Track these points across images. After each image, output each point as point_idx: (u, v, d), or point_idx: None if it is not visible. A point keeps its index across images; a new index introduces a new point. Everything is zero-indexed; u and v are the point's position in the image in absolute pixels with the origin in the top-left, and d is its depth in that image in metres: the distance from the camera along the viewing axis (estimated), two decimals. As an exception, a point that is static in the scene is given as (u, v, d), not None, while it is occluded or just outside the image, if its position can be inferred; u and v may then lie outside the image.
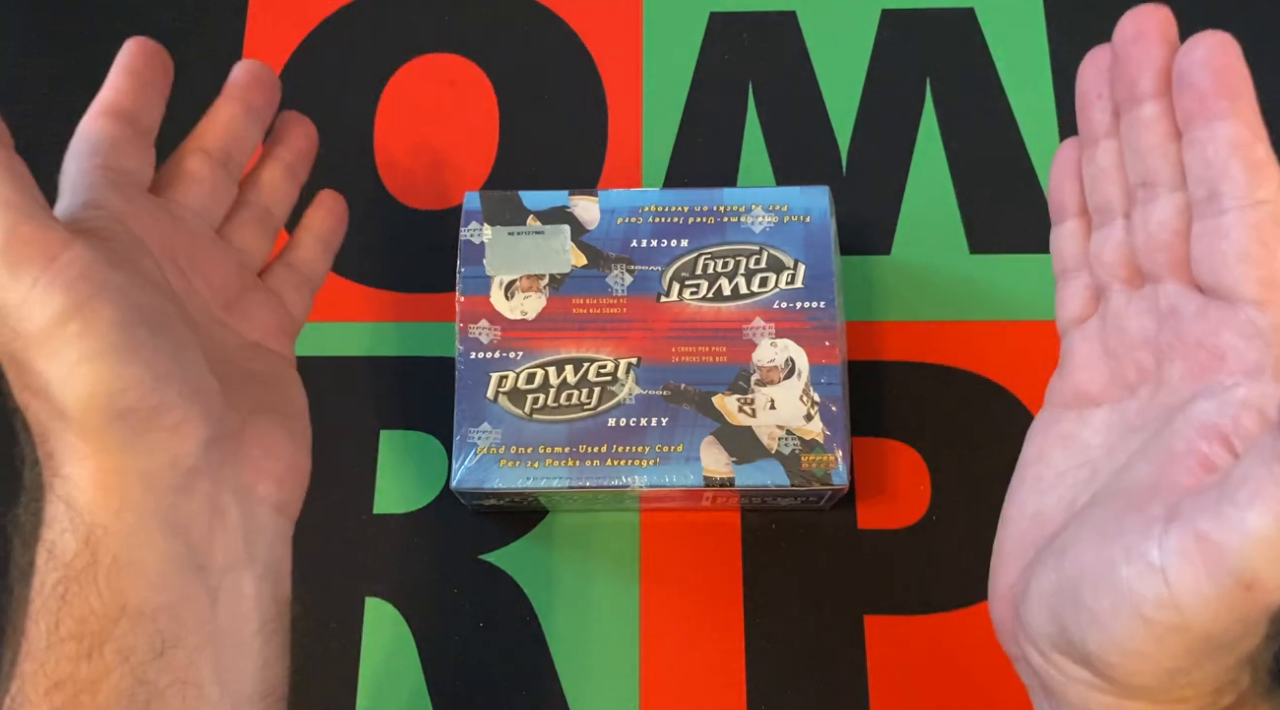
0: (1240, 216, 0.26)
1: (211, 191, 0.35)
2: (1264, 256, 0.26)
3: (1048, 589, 0.27)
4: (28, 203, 0.27)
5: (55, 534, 0.28)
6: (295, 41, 0.56)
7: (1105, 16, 0.56)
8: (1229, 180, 0.26)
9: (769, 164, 0.53)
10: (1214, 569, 0.23)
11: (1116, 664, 0.25)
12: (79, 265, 0.27)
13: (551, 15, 0.56)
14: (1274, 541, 0.22)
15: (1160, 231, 0.28)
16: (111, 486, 0.28)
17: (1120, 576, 0.25)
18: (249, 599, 0.30)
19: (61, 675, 0.27)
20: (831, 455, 0.43)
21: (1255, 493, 0.22)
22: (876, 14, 0.55)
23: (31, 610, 0.27)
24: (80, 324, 0.27)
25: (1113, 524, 0.26)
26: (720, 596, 0.46)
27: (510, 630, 0.46)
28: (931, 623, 0.46)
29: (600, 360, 0.44)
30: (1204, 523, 0.23)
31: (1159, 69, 0.29)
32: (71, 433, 0.27)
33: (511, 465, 0.43)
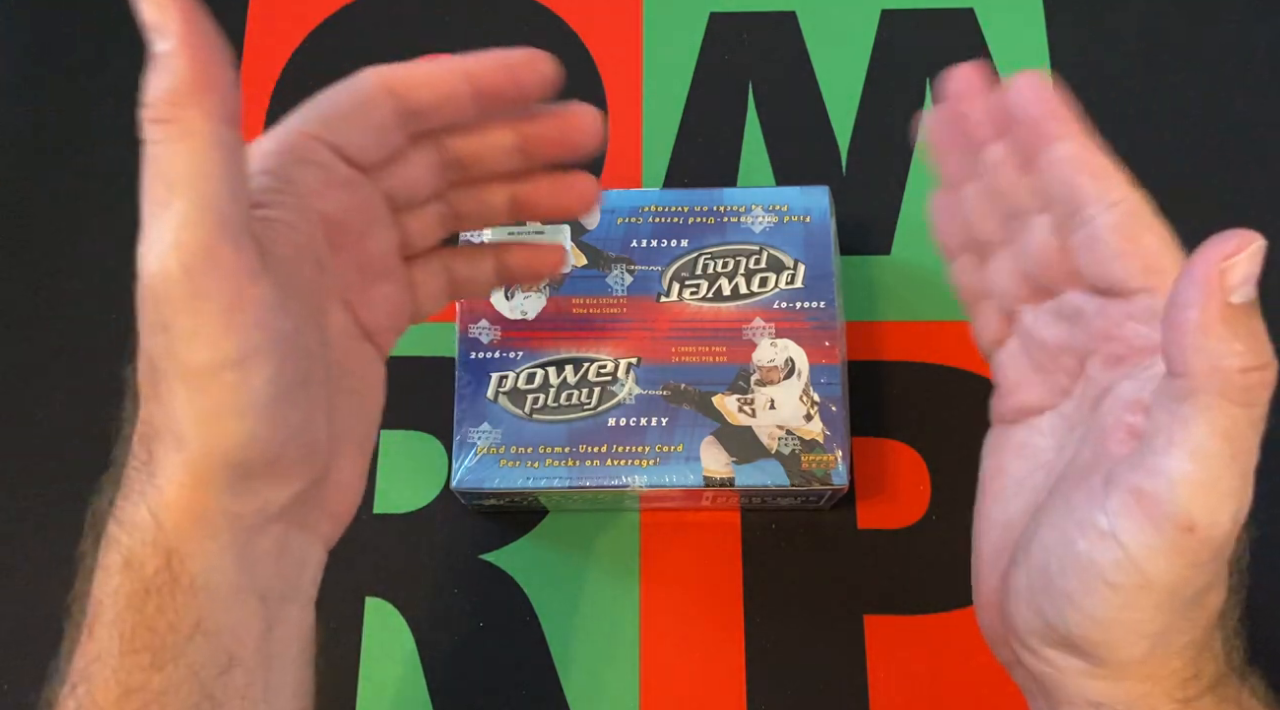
0: (1104, 220, 0.28)
1: (416, 189, 0.33)
2: (1135, 249, 0.28)
3: (1023, 585, 0.28)
4: (235, 213, 0.25)
5: (134, 541, 0.27)
6: (295, 41, 0.56)
7: (1105, 16, 0.57)
8: (1083, 192, 0.29)
9: (769, 164, 0.53)
10: (1154, 519, 0.24)
11: (1099, 640, 0.26)
12: (258, 311, 0.26)
13: (551, 15, 0.56)
14: (1196, 479, 0.24)
15: (1042, 252, 0.31)
16: (200, 518, 0.27)
17: (1079, 551, 0.26)
18: (295, 627, 0.31)
19: (133, 684, 0.27)
20: (831, 455, 0.43)
21: (1168, 439, 0.24)
22: (876, 14, 0.55)
23: (104, 616, 0.27)
24: (238, 377, 0.25)
25: (1063, 506, 0.28)
26: (720, 596, 0.46)
27: (510, 630, 0.46)
28: (931, 623, 0.46)
29: (600, 360, 0.44)
30: (1134, 478, 0.25)
31: (993, 115, 0.32)
32: (182, 458, 0.27)
33: (511, 465, 0.43)
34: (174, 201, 0.24)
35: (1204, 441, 0.24)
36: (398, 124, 0.31)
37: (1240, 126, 0.53)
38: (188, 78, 0.24)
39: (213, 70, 0.25)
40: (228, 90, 0.25)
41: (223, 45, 0.25)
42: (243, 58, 0.55)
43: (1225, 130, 0.53)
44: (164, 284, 0.25)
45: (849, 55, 0.55)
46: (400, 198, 0.33)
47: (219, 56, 0.25)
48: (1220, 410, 0.23)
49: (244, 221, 0.26)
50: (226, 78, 0.25)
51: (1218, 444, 0.23)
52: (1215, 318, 0.23)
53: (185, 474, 0.27)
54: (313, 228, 0.30)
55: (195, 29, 0.25)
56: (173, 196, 0.24)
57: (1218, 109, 0.54)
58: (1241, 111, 0.54)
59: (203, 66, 0.25)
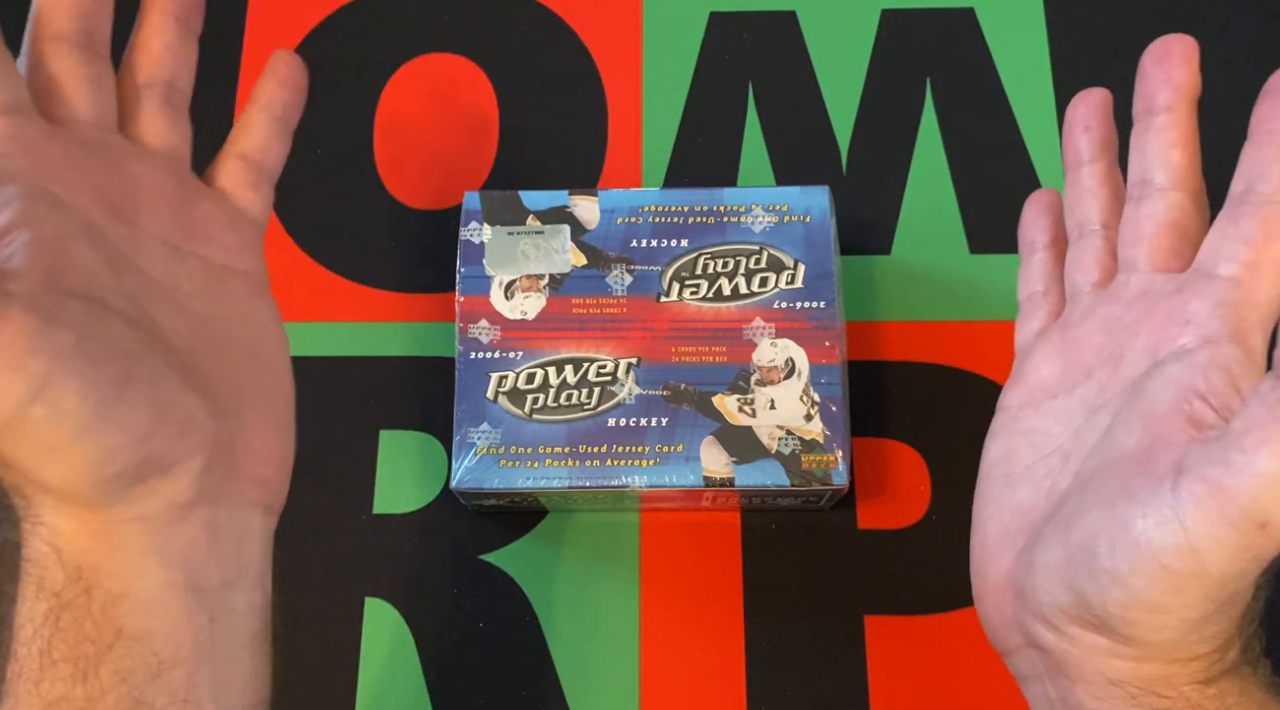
0: (1257, 209, 0.29)
1: (92, 86, 0.30)
2: (1263, 244, 0.29)
3: (1057, 562, 0.28)
4: None
5: (41, 570, 0.27)
6: (295, 41, 0.56)
7: (1105, 16, 0.57)
8: (1266, 179, 0.30)
9: (769, 164, 0.53)
10: (1229, 512, 0.24)
11: (1139, 620, 0.26)
12: (23, 339, 0.23)
13: (551, 15, 0.56)
14: (1274, 477, 0.24)
15: (1148, 222, 0.32)
16: (102, 533, 0.27)
17: (1137, 532, 0.26)
18: (241, 614, 0.30)
19: (56, 695, 0.26)
20: (831, 455, 0.43)
21: (1261, 438, 0.24)
22: (876, 14, 0.55)
23: (22, 635, 0.27)
24: (44, 408, 0.24)
25: (1119, 488, 0.27)
26: (720, 596, 0.46)
27: (510, 630, 0.46)
28: (931, 623, 0.46)
29: (600, 360, 0.44)
30: (1214, 470, 0.25)
31: (1179, 88, 0.33)
32: (52, 498, 0.26)
33: (511, 465, 0.43)
34: None
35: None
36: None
37: (1240, 127, 0.53)
38: None
39: None
40: None
41: None
42: (242, 58, 0.55)
43: (1225, 130, 0.53)
44: None
45: (849, 55, 0.55)
46: (108, 114, 0.31)
47: None
48: None
49: None
50: None
51: None
52: None
53: (66, 506, 0.26)
54: (62, 213, 0.27)
55: None
56: None
57: (1218, 109, 0.54)
58: (1241, 111, 0.54)
59: None
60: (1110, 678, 0.28)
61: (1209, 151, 0.53)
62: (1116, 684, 0.28)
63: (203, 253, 0.31)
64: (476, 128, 0.54)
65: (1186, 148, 0.32)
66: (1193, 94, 0.33)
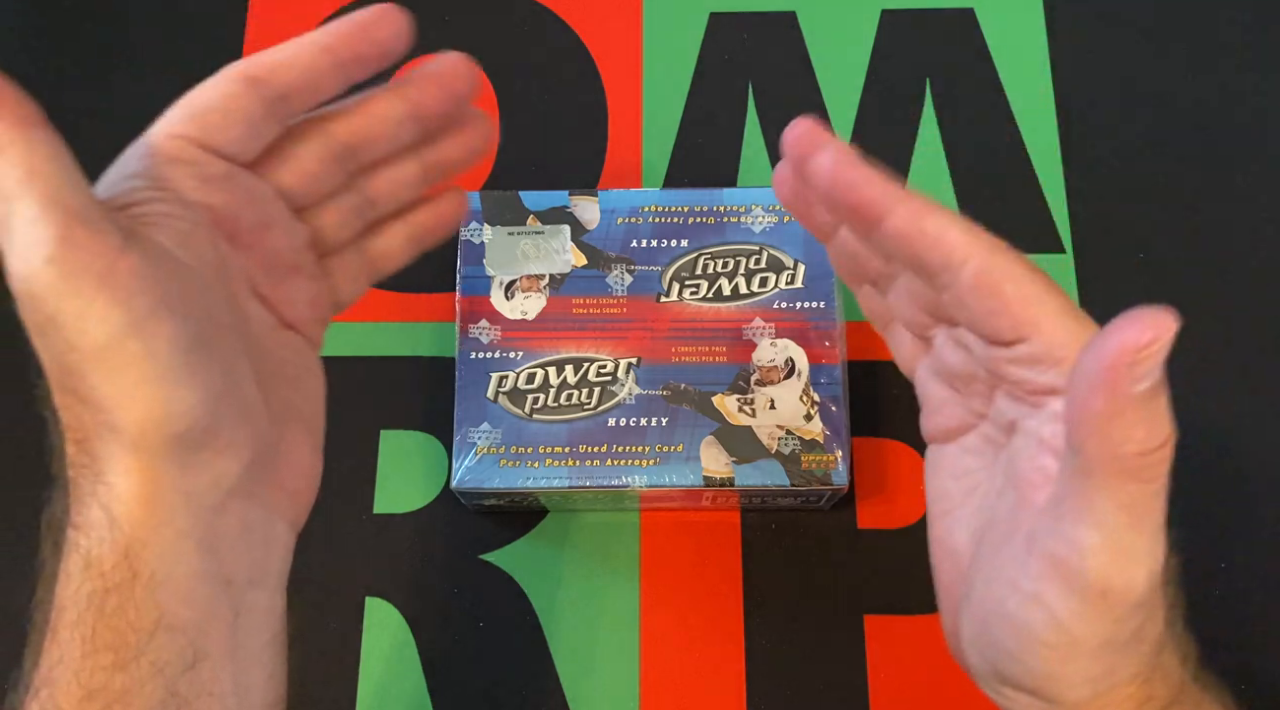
0: (959, 286, 0.27)
1: (314, 183, 0.32)
2: (998, 306, 0.26)
3: (970, 635, 0.29)
4: (80, 200, 0.25)
5: (92, 542, 0.27)
6: (295, 41, 0.55)
7: (1104, 16, 0.57)
8: (929, 263, 0.27)
9: (769, 164, 0.53)
10: (1072, 585, 0.25)
11: (1044, 688, 0.27)
12: (136, 278, 0.25)
13: (551, 15, 0.56)
14: (1105, 548, 0.24)
15: (919, 295, 0.30)
16: (154, 502, 0.27)
17: (1010, 611, 0.26)
18: (263, 613, 0.30)
19: (95, 685, 0.27)
20: (831, 455, 0.43)
21: (1074, 509, 0.24)
22: (876, 14, 0.55)
23: (65, 618, 0.27)
24: (140, 344, 0.25)
25: (993, 563, 0.28)
26: (720, 596, 0.46)
27: (510, 630, 0.46)
28: (931, 623, 0.46)
29: (600, 360, 0.44)
30: (1050, 544, 0.25)
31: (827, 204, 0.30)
32: (121, 446, 0.27)
33: (511, 465, 0.43)
34: (15, 209, 0.25)
35: (1107, 516, 0.24)
36: (267, 112, 0.30)
37: (1240, 126, 0.53)
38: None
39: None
40: (19, 97, 0.25)
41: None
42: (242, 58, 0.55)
43: (1225, 130, 0.53)
44: (34, 283, 0.25)
45: (849, 55, 0.55)
46: (300, 195, 0.32)
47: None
48: (1120, 487, 0.24)
49: (94, 208, 0.26)
50: (9, 86, 0.25)
51: (1123, 517, 0.24)
52: (1119, 408, 0.23)
53: (130, 458, 0.27)
54: (197, 217, 0.29)
55: None
56: (12, 206, 0.25)
57: (1218, 108, 0.54)
58: (1242, 111, 0.54)
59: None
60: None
61: (1210, 151, 0.53)
62: None
63: (277, 307, 0.33)
64: (476, 128, 0.54)
65: None
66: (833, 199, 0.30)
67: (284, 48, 0.30)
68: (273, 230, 0.31)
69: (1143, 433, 0.23)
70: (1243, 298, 0.50)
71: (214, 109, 0.29)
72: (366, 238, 0.35)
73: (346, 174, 0.33)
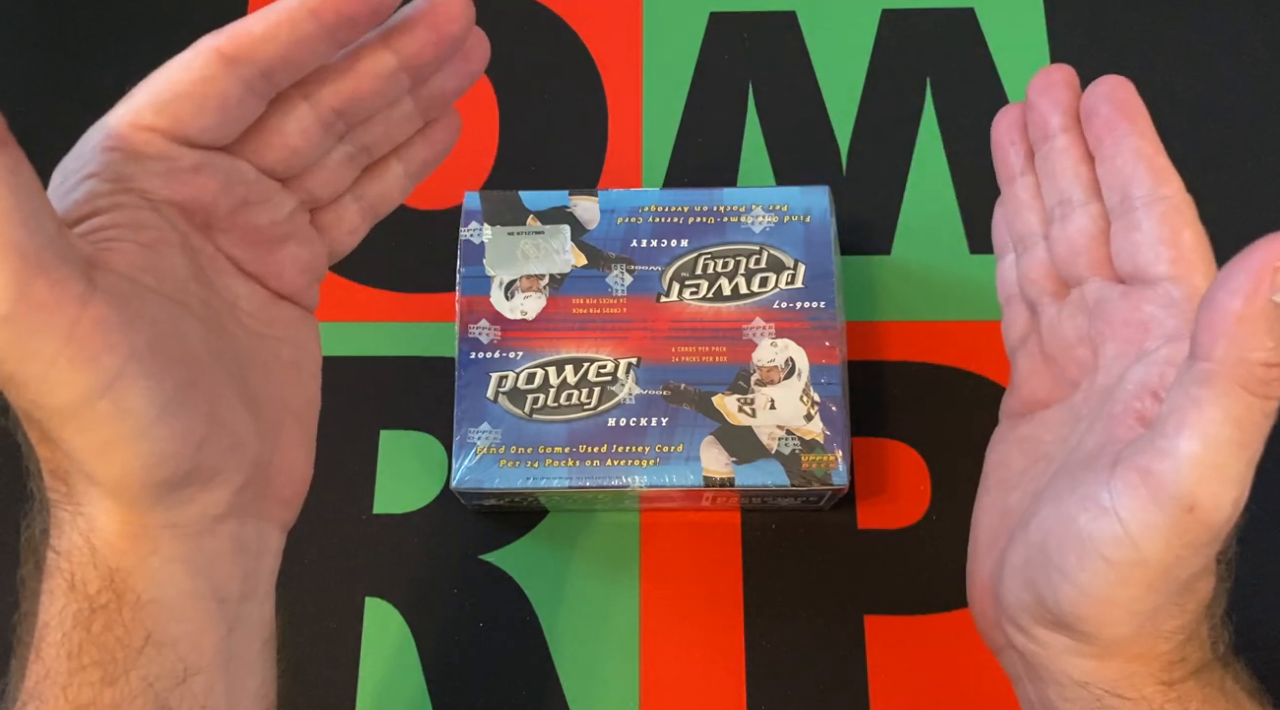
0: (1152, 210, 0.30)
1: (300, 156, 0.29)
2: (1173, 239, 0.30)
3: (1019, 561, 0.29)
4: (39, 240, 0.22)
5: (74, 566, 0.26)
6: (295, 41, 0.55)
7: (1105, 16, 0.57)
8: (1137, 183, 0.31)
9: (769, 164, 0.53)
10: (1158, 498, 0.25)
11: (1089, 615, 0.27)
12: (101, 332, 0.23)
13: (551, 15, 0.56)
14: (1204, 461, 0.24)
15: (1079, 237, 0.33)
16: (138, 537, 0.26)
17: (1079, 526, 0.26)
18: (255, 624, 0.30)
19: (84, 700, 0.26)
20: (831, 455, 0.43)
21: (1180, 421, 0.24)
22: (876, 14, 0.55)
23: (50, 636, 0.26)
24: (110, 404, 0.24)
25: (1068, 486, 0.28)
26: (720, 596, 0.46)
27: (510, 630, 0.46)
28: (931, 623, 0.46)
29: (600, 360, 0.44)
30: (1142, 459, 0.25)
31: (1066, 109, 0.34)
32: (99, 490, 0.26)
33: (511, 465, 0.43)
34: None
35: (1217, 426, 0.24)
36: (246, 92, 0.27)
37: (1241, 125, 0.53)
38: None
39: None
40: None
41: None
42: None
43: (1225, 129, 0.53)
44: None
45: (849, 55, 0.55)
46: (285, 168, 0.29)
47: None
48: (1237, 398, 0.24)
49: (54, 248, 0.23)
50: None
51: (1230, 430, 0.24)
52: (1256, 311, 0.23)
53: (108, 502, 0.26)
54: (165, 219, 0.27)
55: None
56: None
57: (1218, 108, 0.54)
58: (1242, 111, 0.54)
59: None
60: (1076, 678, 0.29)
61: (1210, 150, 0.53)
62: (1082, 685, 0.29)
63: (268, 280, 0.31)
64: (476, 128, 0.54)
65: (1089, 161, 0.33)
66: (1077, 115, 0.34)
67: (264, 15, 0.26)
68: (254, 207, 0.29)
69: (1272, 342, 0.24)
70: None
71: (186, 96, 0.26)
72: (361, 184, 0.32)
73: (336, 137, 0.30)
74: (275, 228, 0.30)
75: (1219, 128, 0.53)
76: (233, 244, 0.29)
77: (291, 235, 0.31)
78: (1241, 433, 0.24)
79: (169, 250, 0.27)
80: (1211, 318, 0.24)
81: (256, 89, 0.27)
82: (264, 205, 0.29)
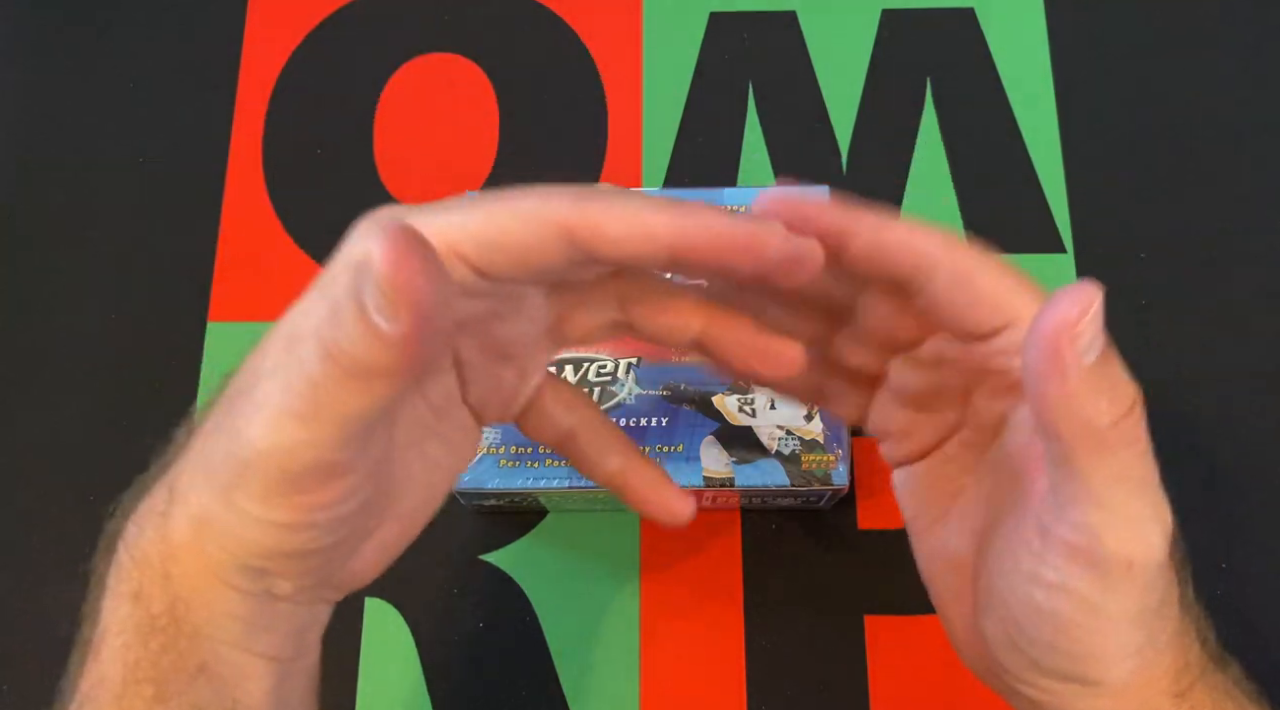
0: (934, 287, 0.26)
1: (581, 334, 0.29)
2: (974, 298, 0.26)
3: (1003, 638, 0.28)
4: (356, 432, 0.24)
5: (144, 577, 0.27)
6: (295, 41, 0.55)
7: (1105, 16, 0.56)
8: (901, 268, 0.27)
9: (769, 164, 0.53)
10: (1096, 566, 0.25)
11: (1092, 671, 0.27)
12: (327, 500, 0.25)
13: (551, 15, 0.56)
14: (1115, 523, 0.24)
15: (882, 323, 0.29)
16: (205, 577, 0.27)
17: (1040, 604, 0.26)
18: (305, 673, 0.30)
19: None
20: (831, 455, 0.43)
21: (1071, 494, 0.24)
22: (876, 14, 0.55)
23: (110, 641, 0.27)
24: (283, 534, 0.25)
25: (1009, 559, 0.27)
26: (720, 596, 0.46)
27: (510, 630, 0.46)
28: (931, 623, 0.45)
29: (600, 360, 0.44)
30: (1062, 532, 0.25)
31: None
32: (193, 531, 0.26)
33: (511, 465, 0.43)
34: (316, 413, 0.23)
35: (1105, 491, 0.24)
36: (567, 265, 0.25)
37: (1240, 126, 0.53)
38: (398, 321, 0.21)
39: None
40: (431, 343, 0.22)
41: None
42: (242, 58, 0.55)
43: (1225, 129, 0.53)
44: (254, 459, 0.24)
45: (849, 55, 0.55)
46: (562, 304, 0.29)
47: None
48: (1107, 460, 0.24)
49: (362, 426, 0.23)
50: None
51: (1119, 488, 0.24)
52: (1075, 384, 0.23)
53: (193, 541, 0.26)
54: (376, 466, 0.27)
55: None
56: (316, 410, 0.23)
57: (1218, 108, 0.54)
58: (1241, 111, 0.54)
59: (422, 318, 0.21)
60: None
61: (1210, 152, 0.53)
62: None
63: (469, 395, 0.30)
64: (476, 128, 0.54)
65: None
66: None
67: (622, 215, 0.24)
68: (507, 320, 0.28)
69: (1106, 402, 0.23)
70: (1244, 297, 0.50)
71: (508, 248, 0.25)
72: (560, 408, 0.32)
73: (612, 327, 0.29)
74: (511, 346, 0.29)
75: (1220, 127, 0.53)
76: (470, 348, 0.29)
77: (519, 360, 0.30)
78: (1131, 483, 0.24)
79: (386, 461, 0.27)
80: (1039, 405, 0.23)
81: (579, 267, 0.26)
82: (515, 320, 0.28)
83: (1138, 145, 0.53)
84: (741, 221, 0.24)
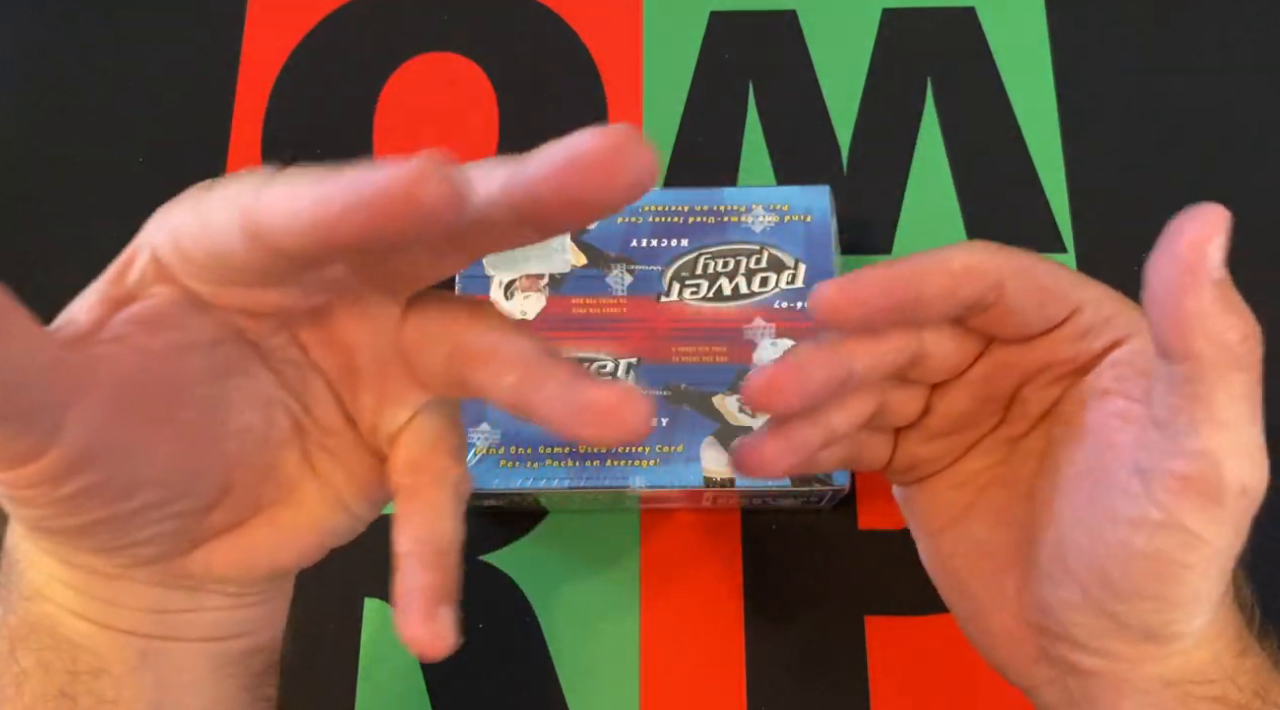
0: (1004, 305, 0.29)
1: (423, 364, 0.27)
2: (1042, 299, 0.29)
3: (1077, 598, 0.28)
4: None
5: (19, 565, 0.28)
6: (295, 41, 0.55)
7: (1106, 16, 0.56)
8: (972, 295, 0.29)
9: (769, 164, 0.53)
10: (1214, 495, 0.25)
11: (1178, 618, 0.27)
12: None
13: (551, 15, 0.56)
14: (1234, 446, 0.25)
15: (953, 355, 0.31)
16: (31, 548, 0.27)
17: (1141, 548, 0.26)
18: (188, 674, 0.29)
19: None
20: (832, 455, 0.43)
21: (1191, 419, 0.25)
22: (876, 14, 0.55)
23: None
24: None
25: (1094, 511, 0.28)
26: (720, 596, 0.46)
27: (510, 630, 0.46)
28: (932, 623, 0.46)
29: (600, 360, 0.44)
30: (1174, 465, 0.25)
31: None
32: None
33: (511, 465, 0.43)
34: None
35: (1228, 411, 0.24)
36: (269, 260, 0.22)
37: (1240, 126, 0.53)
38: None
39: None
40: None
41: None
42: (241, 57, 0.55)
43: (1225, 129, 0.53)
44: None
45: (849, 55, 0.55)
46: None
47: None
48: (1232, 379, 0.24)
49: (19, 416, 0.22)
50: None
51: (1240, 409, 0.25)
52: (1209, 299, 0.24)
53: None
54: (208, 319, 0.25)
55: None
56: None
57: (1218, 108, 0.54)
58: (1241, 111, 0.54)
59: None
60: (1167, 679, 0.28)
61: (1210, 152, 0.53)
62: (1171, 684, 0.28)
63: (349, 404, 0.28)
64: (476, 128, 0.54)
65: None
66: None
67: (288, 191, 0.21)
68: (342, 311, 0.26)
69: (1237, 319, 0.24)
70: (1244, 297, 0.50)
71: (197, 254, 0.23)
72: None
73: None
74: None
75: (1221, 127, 0.53)
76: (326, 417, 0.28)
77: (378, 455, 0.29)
78: (1249, 405, 0.25)
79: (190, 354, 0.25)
80: (1172, 320, 0.24)
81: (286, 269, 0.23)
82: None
83: (1138, 145, 0.53)
84: (388, 168, 0.20)
